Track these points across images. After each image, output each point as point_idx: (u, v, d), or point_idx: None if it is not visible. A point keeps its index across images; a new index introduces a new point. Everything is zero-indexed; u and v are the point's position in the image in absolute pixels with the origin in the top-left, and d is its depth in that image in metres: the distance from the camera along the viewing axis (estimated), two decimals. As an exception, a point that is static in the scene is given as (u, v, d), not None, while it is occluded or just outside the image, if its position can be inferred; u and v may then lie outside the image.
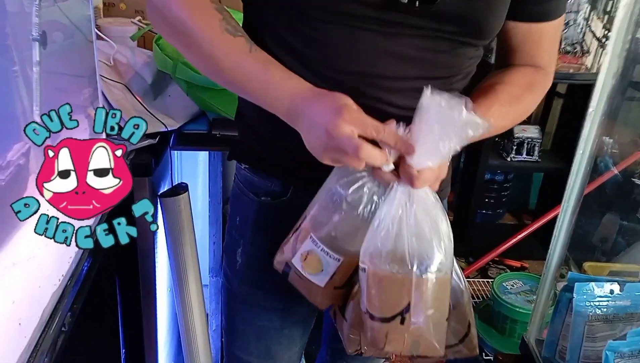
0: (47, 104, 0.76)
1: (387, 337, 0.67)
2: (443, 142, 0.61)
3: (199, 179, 1.71)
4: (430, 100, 0.61)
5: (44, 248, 0.73)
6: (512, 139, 2.30)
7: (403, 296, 0.65)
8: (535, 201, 2.72)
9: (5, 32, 0.71)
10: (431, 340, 0.67)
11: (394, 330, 0.66)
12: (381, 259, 0.65)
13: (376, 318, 0.67)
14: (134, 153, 1.11)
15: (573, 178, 0.75)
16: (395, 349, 0.68)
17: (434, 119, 0.61)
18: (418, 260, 0.64)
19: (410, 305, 0.65)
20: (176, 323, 1.36)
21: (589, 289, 0.71)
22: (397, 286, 0.65)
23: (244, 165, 0.87)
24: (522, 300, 1.53)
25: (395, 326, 0.66)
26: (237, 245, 0.90)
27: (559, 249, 0.79)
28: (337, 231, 0.71)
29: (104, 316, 1.11)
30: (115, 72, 1.28)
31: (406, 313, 0.65)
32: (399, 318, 0.66)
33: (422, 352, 0.68)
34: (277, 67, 0.69)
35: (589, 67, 2.10)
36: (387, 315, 0.66)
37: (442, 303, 0.67)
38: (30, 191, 0.71)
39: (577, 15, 2.05)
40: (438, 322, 0.67)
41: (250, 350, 0.96)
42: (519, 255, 2.38)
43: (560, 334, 0.76)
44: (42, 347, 0.69)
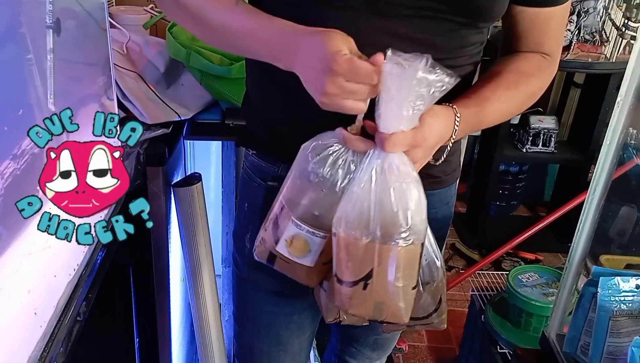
0: (61, 92, 0.75)
1: (351, 300, 0.69)
2: (406, 103, 0.62)
3: (211, 168, 1.70)
4: (390, 63, 0.61)
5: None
6: (527, 130, 2.27)
7: (367, 262, 0.66)
8: (550, 193, 2.69)
9: (20, 19, 0.70)
10: (395, 307, 0.68)
11: (357, 294, 0.68)
12: (349, 224, 0.66)
13: (342, 282, 0.69)
14: (147, 142, 1.11)
15: (598, 171, 0.73)
16: (358, 312, 0.70)
17: (395, 82, 0.61)
18: (382, 228, 0.65)
19: (372, 272, 0.66)
20: (189, 313, 1.36)
21: (614, 284, 0.70)
22: (361, 252, 0.66)
23: (251, 151, 0.88)
24: (537, 293, 1.51)
25: (358, 290, 0.68)
26: (245, 231, 0.91)
27: (583, 243, 0.77)
28: (319, 209, 0.71)
29: (117, 306, 1.11)
30: (129, 60, 1.27)
31: (369, 280, 0.67)
32: (362, 283, 0.67)
33: (386, 318, 0.69)
34: (261, 13, 0.70)
35: (608, 56, 2.06)
36: (351, 279, 0.68)
37: (407, 273, 0.68)
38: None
39: (597, 3, 2.01)
40: (403, 290, 0.68)
41: (261, 336, 0.97)
42: (533, 247, 2.35)
43: (582, 329, 0.74)
44: (57, 337, 0.69)
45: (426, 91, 0.61)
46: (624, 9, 2.03)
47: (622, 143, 0.71)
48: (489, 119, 0.77)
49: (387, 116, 0.63)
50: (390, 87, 0.62)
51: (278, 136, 0.83)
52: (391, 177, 0.65)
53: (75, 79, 0.87)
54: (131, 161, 1.06)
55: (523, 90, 0.78)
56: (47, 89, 0.73)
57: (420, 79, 0.60)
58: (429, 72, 0.60)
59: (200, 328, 1.30)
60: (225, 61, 1.23)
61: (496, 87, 0.74)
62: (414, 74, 0.60)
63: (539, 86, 0.80)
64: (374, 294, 0.67)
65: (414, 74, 0.60)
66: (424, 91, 0.61)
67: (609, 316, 0.70)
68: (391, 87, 0.62)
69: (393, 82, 0.62)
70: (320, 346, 1.56)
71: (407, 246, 0.66)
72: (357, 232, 0.66)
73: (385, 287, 0.67)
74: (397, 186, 0.65)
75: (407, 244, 0.66)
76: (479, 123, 0.76)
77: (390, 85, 0.62)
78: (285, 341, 0.96)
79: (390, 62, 0.61)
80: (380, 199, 0.65)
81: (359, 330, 1.09)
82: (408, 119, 0.64)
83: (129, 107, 1.15)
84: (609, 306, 0.70)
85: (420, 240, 0.67)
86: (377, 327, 1.07)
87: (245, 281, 0.95)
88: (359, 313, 0.70)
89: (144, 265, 1.16)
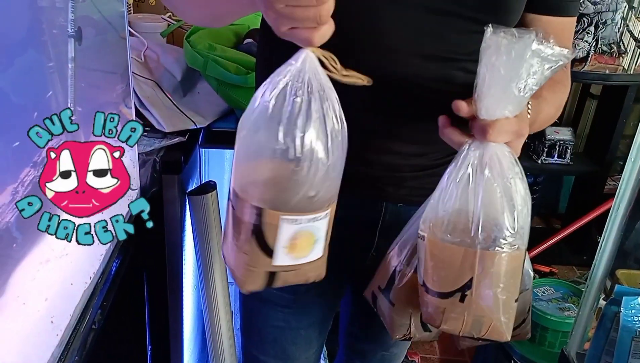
0: (81, 100, 0.76)
1: (444, 314, 0.59)
2: (515, 83, 0.53)
3: (225, 176, 1.70)
4: (491, 40, 0.52)
5: (76, 246, 0.72)
6: (543, 141, 2.25)
7: (465, 270, 0.57)
8: (565, 204, 2.66)
9: (42, 27, 0.70)
10: (496, 322, 0.58)
11: (452, 307, 0.58)
12: (442, 227, 0.57)
13: (433, 293, 0.59)
14: (163, 150, 1.11)
15: (623, 188, 0.71)
16: (453, 328, 0.60)
17: (502, 57, 0.52)
18: (485, 230, 0.56)
19: (472, 281, 0.57)
20: (202, 320, 1.36)
21: (638, 303, 0.68)
22: (458, 258, 0.57)
23: None
24: (553, 308, 1.49)
25: (454, 303, 0.58)
26: None
27: (605, 261, 0.76)
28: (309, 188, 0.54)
29: (131, 313, 1.11)
30: (146, 68, 1.28)
31: (467, 290, 0.57)
32: (458, 294, 0.58)
33: (486, 335, 0.59)
34: None
35: (625, 68, 2.03)
36: (445, 290, 0.58)
37: (512, 282, 0.58)
38: (64, 188, 0.71)
39: (615, 14, 1.99)
40: (505, 303, 0.58)
41: (267, 350, 0.95)
42: (547, 259, 2.32)
43: (603, 349, 0.72)
44: (73, 345, 0.69)
45: (539, 67, 0.52)
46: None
47: (647, 159, 0.70)
48: (541, 119, 0.71)
49: (490, 99, 0.54)
50: (495, 64, 0.53)
51: None
52: (494, 172, 0.56)
53: (94, 87, 0.88)
54: (147, 168, 1.07)
55: (557, 96, 0.74)
56: (68, 96, 0.74)
57: (534, 52, 0.51)
58: (543, 45, 0.52)
59: (212, 335, 1.29)
60: (242, 70, 1.23)
61: (542, 88, 0.71)
62: (526, 46, 0.51)
63: (565, 94, 0.77)
64: (474, 307, 0.58)
65: (525, 46, 0.51)
66: (536, 67, 0.52)
67: (632, 337, 0.68)
68: (496, 63, 0.53)
69: (500, 57, 0.52)
70: (332, 356, 1.55)
71: (513, 252, 0.57)
72: (453, 236, 0.57)
73: (487, 299, 0.57)
74: (502, 182, 0.56)
75: (513, 250, 0.57)
76: (534, 121, 0.68)
77: (496, 61, 0.52)
78: (292, 355, 0.95)
79: (495, 35, 0.52)
80: (484, 197, 0.56)
81: (368, 346, 1.08)
82: (516, 103, 0.55)
83: (146, 115, 1.16)
84: (631, 326, 0.68)
85: (525, 244, 0.59)
86: (387, 342, 1.05)
87: (251, 294, 0.92)
88: (454, 328, 0.60)
89: (157, 272, 1.16)
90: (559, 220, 2.63)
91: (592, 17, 1.99)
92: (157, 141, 1.12)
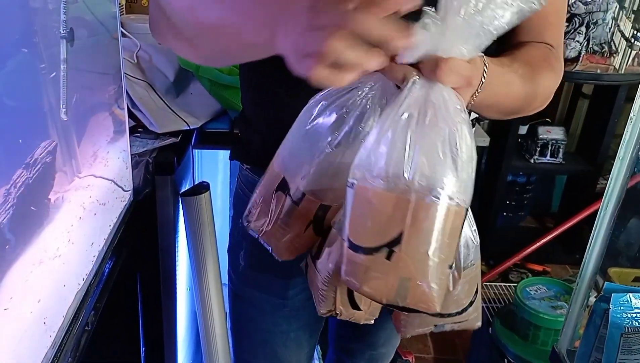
0: (72, 101, 0.76)
1: (367, 273, 0.51)
2: (482, 19, 0.45)
3: (219, 177, 1.70)
4: None
5: (69, 247, 0.73)
6: (536, 140, 2.26)
7: (395, 222, 0.49)
8: (557, 204, 2.68)
9: (34, 29, 0.70)
10: (425, 289, 0.50)
11: (377, 265, 0.50)
12: (374, 171, 0.50)
13: (356, 248, 0.51)
14: (156, 151, 1.11)
15: (611, 186, 0.72)
16: (376, 289, 0.51)
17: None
18: (422, 177, 0.49)
19: (402, 235, 0.49)
20: (195, 321, 1.36)
21: (626, 300, 0.69)
22: (388, 207, 0.49)
23: (245, 165, 0.86)
24: (546, 306, 1.50)
25: (379, 260, 0.50)
26: (239, 248, 0.89)
27: (594, 258, 0.76)
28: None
29: (124, 315, 1.11)
30: (139, 69, 1.28)
31: (396, 246, 0.49)
32: (385, 250, 0.50)
33: (411, 302, 0.51)
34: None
35: (617, 67, 2.05)
36: (371, 245, 0.50)
37: (447, 243, 0.50)
38: (57, 189, 0.71)
39: (606, 14, 2.00)
40: (437, 267, 0.50)
41: (257, 353, 0.95)
42: (540, 258, 2.34)
43: (594, 346, 0.73)
44: (66, 346, 0.69)
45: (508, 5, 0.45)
46: (633, 20, 2.02)
47: (635, 157, 0.70)
48: (512, 93, 0.63)
49: (449, 33, 0.47)
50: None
51: (273, 152, 0.80)
52: (439, 114, 0.49)
53: (86, 88, 0.88)
54: (140, 169, 1.07)
55: (538, 74, 0.66)
56: (60, 98, 0.74)
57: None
58: None
59: (206, 336, 1.29)
60: (235, 71, 1.24)
61: (514, 60, 0.62)
62: None
63: (552, 79, 0.69)
64: (401, 267, 0.50)
65: None
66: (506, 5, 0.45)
67: (621, 333, 0.69)
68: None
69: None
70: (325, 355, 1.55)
71: (452, 207, 0.49)
72: (385, 181, 0.49)
73: (416, 259, 0.49)
74: (446, 126, 0.49)
75: (452, 204, 0.49)
76: (499, 92, 0.60)
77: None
78: (282, 358, 0.94)
79: None
80: (425, 142, 0.49)
81: (356, 345, 1.08)
82: (475, 44, 0.48)
83: (139, 116, 1.16)
84: (620, 322, 0.69)
85: (467, 202, 0.51)
86: (375, 342, 1.06)
87: (240, 298, 0.92)
88: (377, 291, 0.52)
89: (151, 273, 1.16)
90: (552, 219, 2.64)
91: (584, 17, 2.01)
92: (150, 142, 1.12)
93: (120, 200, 0.96)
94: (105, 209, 0.88)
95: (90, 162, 0.83)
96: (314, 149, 0.59)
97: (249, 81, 0.81)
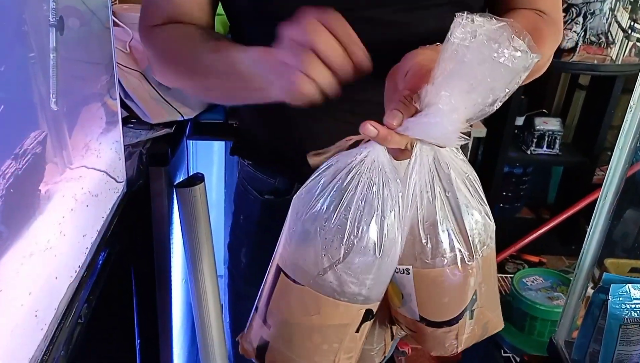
0: (63, 91, 0.74)
1: (458, 338, 0.54)
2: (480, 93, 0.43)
3: (213, 168, 1.69)
4: (461, 31, 0.42)
5: (61, 239, 0.71)
6: (532, 131, 2.26)
7: (468, 287, 0.51)
8: (554, 195, 2.68)
9: (23, 17, 0.69)
10: (495, 317, 0.56)
11: (464, 328, 0.54)
12: (428, 252, 0.50)
13: (439, 324, 0.54)
14: (150, 142, 1.10)
15: (610, 177, 0.71)
16: (468, 344, 0.56)
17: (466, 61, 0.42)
18: (472, 237, 0.50)
19: (476, 294, 0.52)
20: (191, 314, 1.35)
21: (625, 291, 0.68)
22: (458, 279, 0.51)
23: (247, 161, 0.84)
24: (542, 297, 1.50)
25: (465, 323, 0.53)
26: (241, 245, 0.88)
27: (593, 249, 0.76)
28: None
29: (119, 307, 1.10)
30: (132, 59, 1.26)
31: (474, 305, 0.52)
32: (467, 314, 0.53)
33: (490, 333, 0.57)
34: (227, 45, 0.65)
35: (613, 58, 2.04)
36: (453, 316, 0.53)
37: (493, 274, 0.55)
38: (47, 180, 0.69)
39: (603, 4, 1.99)
40: (495, 296, 0.56)
41: None
42: (536, 249, 2.34)
43: (592, 337, 0.73)
44: (58, 339, 0.68)
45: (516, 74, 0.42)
46: (630, 11, 2.01)
47: (634, 148, 0.70)
48: None
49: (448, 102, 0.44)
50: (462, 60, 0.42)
51: (276, 146, 0.78)
52: (456, 172, 0.50)
53: (78, 78, 0.86)
54: (133, 161, 1.05)
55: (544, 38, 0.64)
56: (50, 88, 0.72)
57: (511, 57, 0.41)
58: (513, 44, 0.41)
59: (201, 329, 1.29)
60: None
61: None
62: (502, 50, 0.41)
63: (542, 49, 0.63)
64: (481, 318, 0.54)
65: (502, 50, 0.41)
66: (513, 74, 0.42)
67: (620, 324, 0.69)
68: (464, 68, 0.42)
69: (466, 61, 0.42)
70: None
71: (492, 245, 0.53)
72: (444, 257, 0.50)
73: (491, 303, 0.54)
74: (465, 180, 0.50)
75: (492, 244, 0.53)
76: None
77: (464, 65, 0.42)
78: None
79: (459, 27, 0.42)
80: (457, 204, 0.50)
81: None
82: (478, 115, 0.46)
83: (132, 106, 1.14)
84: (619, 314, 0.68)
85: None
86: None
87: (242, 295, 0.92)
88: (468, 344, 0.56)
89: (145, 265, 1.15)
90: (548, 211, 2.64)
91: (581, 7, 1.99)
92: (144, 132, 1.10)
93: (114, 191, 0.95)
94: (98, 200, 0.86)
95: (82, 153, 0.81)
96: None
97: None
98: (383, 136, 0.47)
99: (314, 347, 0.53)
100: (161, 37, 0.74)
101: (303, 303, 0.52)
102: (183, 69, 0.72)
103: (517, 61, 0.42)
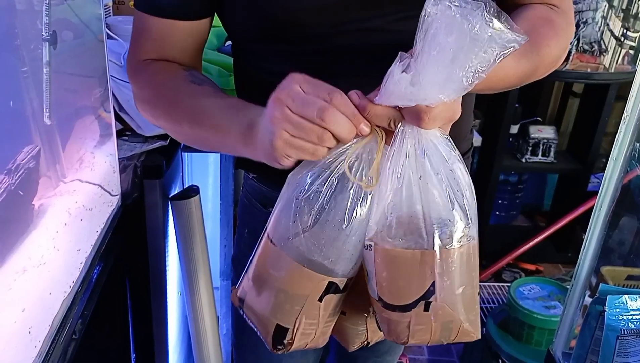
0: (57, 105, 0.74)
1: (410, 329, 0.54)
2: (460, 66, 0.45)
3: (209, 180, 1.69)
4: (435, 7, 0.44)
5: (54, 254, 0.71)
6: (527, 139, 2.27)
7: (425, 276, 0.51)
8: (549, 202, 2.68)
9: (15, 31, 0.68)
10: (464, 324, 0.54)
11: (418, 318, 0.53)
12: (391, 231, 0.51)
13: (393, 307, 0.53)
14: (144, 154, 1.09)
15: (605, 187, 0.71)
16: (421, 341, 0.55)
17: (444, 35, 0.44)
18: (439, 226, 0.50)
19: (434, 286, 0.51)
20: (187, 326, 1.34)
21: (622, 302, 0.68)
22: (415, 264, 0.51)
23: (251, 174, 0.84)
24: (539, 306, 1.50)
25: (419, 314, 0.52)
26: (246, 259, 0.87)
27: (589, 259, 0.76)
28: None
29: (114, 321, 1.09)
30: (126, 71, 1.26)
31: (431, 297, 0.52)
32: (422, 303, 0.52)
33: (456, 339, 0.55)
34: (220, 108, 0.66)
35: (607, 66, 2.06)
36: (407, 302, 0.52)
37: (473, 276, 0.53)
38: (41, 194, 0.69)
39: (595, 13, 2.01)
40: (471, 300, 0.53)
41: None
42: (532, 257, 2.34)
43: (589, 348, 0.72)
44: (53, 356, 0.67)
45: (492, 48, 0.44)
46: (622, 19, 2.03)
47: (629, 157, 0.70)
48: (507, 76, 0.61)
49: (427, 82, 0.46)
50: (440, 43, 0.44)
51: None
52: (436, 158, 0.50)
53: (71, 91, 0.86)
54: (128, 173, 1.05)
55: (538, 47, 0.63)
56: (43, 102, 0.72)
57: (488, 32, 0.43)
58: (497, 22, 0.43)
59: (197, 341, 1.28)
60: (224, 73, 1.22)
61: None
62: (480, 24, 0.43)
63: (556, 45, 0.65)
64: (440, 314, 0.53)
65: (479, 24, 0.43)
66: (490, 47, 0.44)
67: (617, 336, 0.68)
68: (442, 42, 0.44)
69: (444, 35, 0.44)
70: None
71: (471, 245, 0.52)
72: (406, 239, 0.51)
73: (452, 302, 0.52)
74: (444, 171, 0.50)
75: (471, 242, 0.52)
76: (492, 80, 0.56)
77: (442, 39, 0.44)
78: None
79: (436, 8, 0.44)
80: (427, 191, 0.50)
81: (359, 351, 1.07)
82: (454, 89, 0.47)
83: (127, 119, 1.14)
84: (616, 325, 0.68)
85: (477, 231, 0.54)
86: (380, 349, 1.04)
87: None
88: (423, 340, 0.55)
89: (140, 278, 1.14)
90: (544, 218, 2.65)
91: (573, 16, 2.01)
92: (138, 145, 1.10)
93: (108, 205, 0.94)
94: (92, 214, 0.86)
95: (76, 167, 0.81)
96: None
97: (245, 94, 0.79)
98: (363, 105, 0.50)
99: (278, 304, 0.58)
100: (143, 78, 0.77)
101: (276, 263, 0.57)
102: (160, 112, 0.74)
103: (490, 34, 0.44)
